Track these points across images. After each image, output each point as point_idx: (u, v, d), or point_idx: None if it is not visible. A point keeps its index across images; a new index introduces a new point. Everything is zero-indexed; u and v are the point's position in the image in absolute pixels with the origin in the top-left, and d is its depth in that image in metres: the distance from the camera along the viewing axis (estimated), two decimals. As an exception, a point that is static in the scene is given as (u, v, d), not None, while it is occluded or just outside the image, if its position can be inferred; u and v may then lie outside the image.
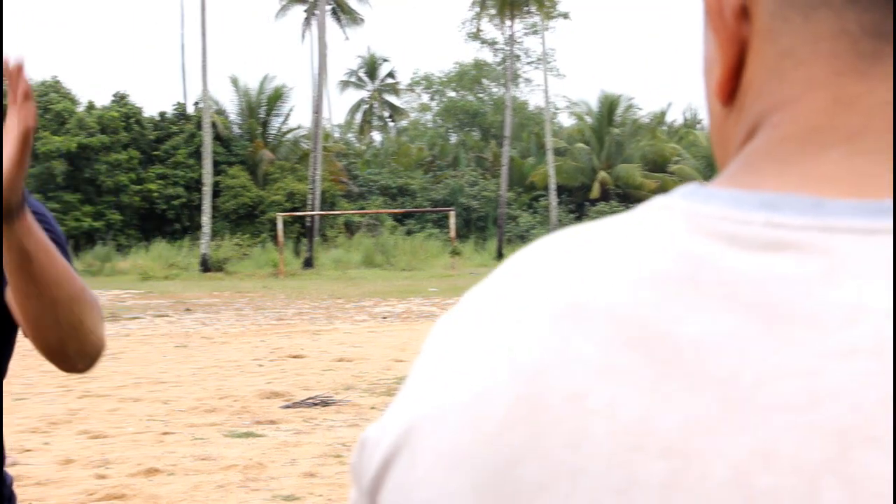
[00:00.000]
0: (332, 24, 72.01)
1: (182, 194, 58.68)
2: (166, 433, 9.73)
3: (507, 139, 58.58)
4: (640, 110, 74.35)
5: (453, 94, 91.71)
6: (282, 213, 50.37)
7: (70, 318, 1.98)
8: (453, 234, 50.27)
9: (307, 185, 54.16)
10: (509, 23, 60.88)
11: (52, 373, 14.35)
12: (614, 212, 61.69)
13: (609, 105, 68.52)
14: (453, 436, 0.57)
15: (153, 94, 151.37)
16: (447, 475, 0.57)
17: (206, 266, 46.79)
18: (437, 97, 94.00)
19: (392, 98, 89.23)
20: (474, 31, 71.13)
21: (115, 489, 7.46)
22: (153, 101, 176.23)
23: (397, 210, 59.76)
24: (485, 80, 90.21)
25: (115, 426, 10.15)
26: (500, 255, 55.38)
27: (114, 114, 58.24)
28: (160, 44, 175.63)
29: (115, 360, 15.92)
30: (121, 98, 61.07)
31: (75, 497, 7.32)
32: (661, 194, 0.57)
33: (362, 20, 75.92)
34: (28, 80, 1.78)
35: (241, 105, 64.78)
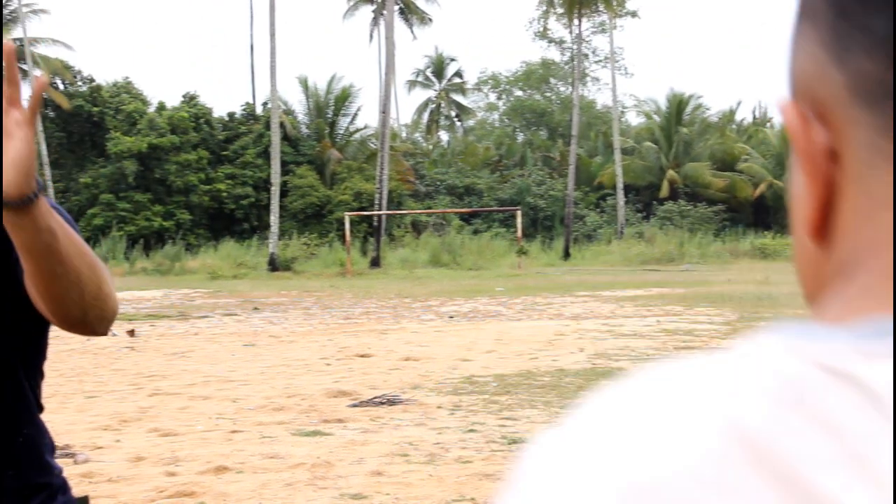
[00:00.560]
0: (399, 23, 72.18)
1: (250, 194, 59.08)
2: (235, 431, 9.80)
3: (575, 138, 58.37)
4: (708, 109, 73.80)
5: (520, 94, 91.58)
6: (349, 213, 50.57)
7: (91, 287, 1.99)
8: (520, 233, 50.18)
9: (374, 184, 54.31)
10: (577, 21, 60.65)
11: (124, 371, 14.51)
12: (683, 211, 61.24)
13: (678, 104, 68.06)
14: None
15: (222, 94, 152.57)
16: None
17: (274, 265, 47.08)
18: (504, 96, 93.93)
19: (459, 97, 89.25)
20: (542, 29, 71.04)
21: (185, 486, 7.52)
22: (222, 102, 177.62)
23: (464, 209, 59.78)
24: (552, 79, 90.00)
25: (184, 424, 10.24)
26: (566, 255, 55.19)
27: (184, 114, 58.78)
28: (230, 44, 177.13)
29: (184, 358, 16.07)
30: (191, 99, 61.62)
31: (146, 494, 7.40)
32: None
33: (430, 20, 76.06)
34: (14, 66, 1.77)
35: (309, 105, 65.12)
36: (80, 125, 58.78)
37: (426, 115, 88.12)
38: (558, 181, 67.06)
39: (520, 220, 50.05)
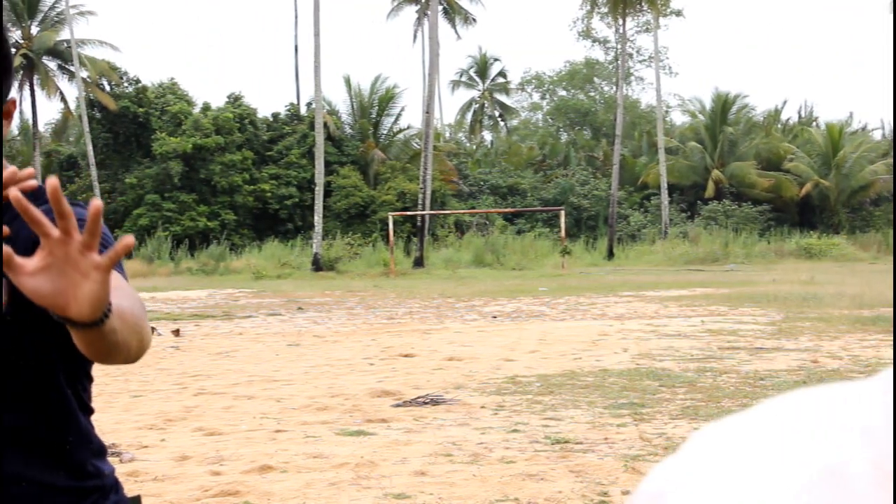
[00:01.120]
0: (443, 23, 72.22)
1: (294, 194, 59.31)
2: (279, 431, 9.83)
3: (619, 138, 58.20)
4: (753, 109, 73.39)
5: (564, 93, 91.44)
6: (393, 213, 50.67)
7: (134, 348, 2.05)
8: (563, 233, 50.09)
9: (418, 184, 54.37)
10: (621, 21, 60.46)
11: (169, 370, 14.60)
12: (727, 210, 60.93)
13: (723, 103, 67.75)
14: None
15: (267, 95, 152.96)
16: None
17: (317, 265, 47.23)
18: (547, 96, 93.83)
19: (503, 97, 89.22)
20: (585, 29, 70.81)
21: (230, 486, 7.55)
22: (267, 102, 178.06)
23: (507, 209, 59.74)
24: (596, 79, 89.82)
25: (229, 423, 10.29)
26: (610, 255, 55.06)
27: (228, 115, 59.07)
28: (274, 45, 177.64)
29: (228, 358, 16.15)
30: (235, 99, 61.92)
31: (191, 493, 7.43)
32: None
33: (474, 20, 76.05)
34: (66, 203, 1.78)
35: (353, 105, 65.29)
36: (126, 126, 59.21)
37: (470, 115, 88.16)
38: (602, 181, 66.93)
39: (563, 220, 49.98)
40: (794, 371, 13.14)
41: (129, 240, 1.73)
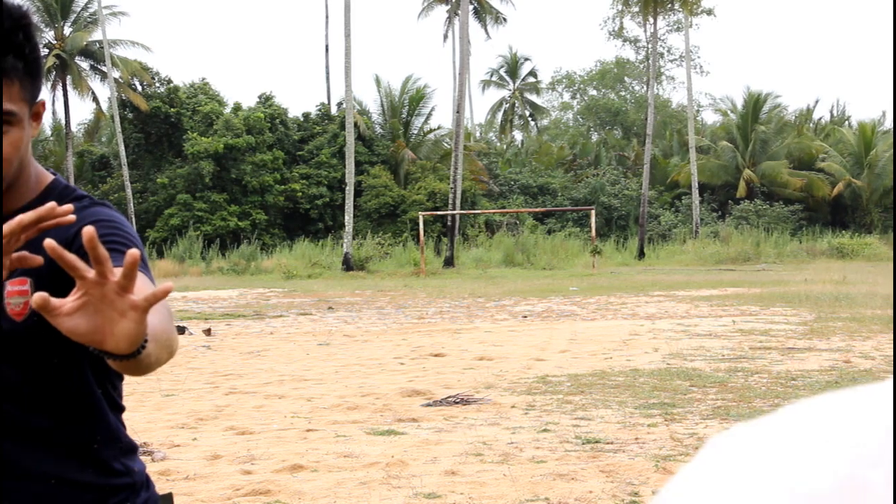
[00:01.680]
0: (474, 23, 72.27)
1: (325, 194, 59.43)
2: (310, 430, 9.85)
3: (649, 137, 58.02)
4: (785, 108, 73.08)
5: (595, 93, 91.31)
6: (423, 213, 50.70)
7: (169, 350, 2.08)
8: (594, 232, 50.02)
9: (448, 184, 54.37)
10: (652, 20, 60.27)
11: (200, 370, 14.66)
12: (759, 210, 60.68)
13: (754, 102, 67.50)
14: None
15: (297, 95, 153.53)
16: None
17: (348, 265, 47.30)
18: (578, 95, 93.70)
19: (533, 97, 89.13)
20: (616, 28, 70.56)
21: (261, 485, 7.58)
22: (297, 102, 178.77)
23: (538, 209, 59.66)
24: (627, 78, 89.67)
25: (260, 423, 10.32)
26: (641, 254, 54.90)
27: (259, 115, 59.24)
28: (305, 45, 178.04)
29: (259, 357, 16.20)
30: (266, 99, 62.10)
31: (222, 492, 7.46)
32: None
33: (504, 19, 76.07)
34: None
35: (383, 105, 65.38)
36: (158, 126, 59.49)
37: (500, 115, 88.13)
38: (633, 180, 66.80)
39: (594, 220, 49.93)
40: (826, 371, 13.07)
41: (167, 286, 1.75)
